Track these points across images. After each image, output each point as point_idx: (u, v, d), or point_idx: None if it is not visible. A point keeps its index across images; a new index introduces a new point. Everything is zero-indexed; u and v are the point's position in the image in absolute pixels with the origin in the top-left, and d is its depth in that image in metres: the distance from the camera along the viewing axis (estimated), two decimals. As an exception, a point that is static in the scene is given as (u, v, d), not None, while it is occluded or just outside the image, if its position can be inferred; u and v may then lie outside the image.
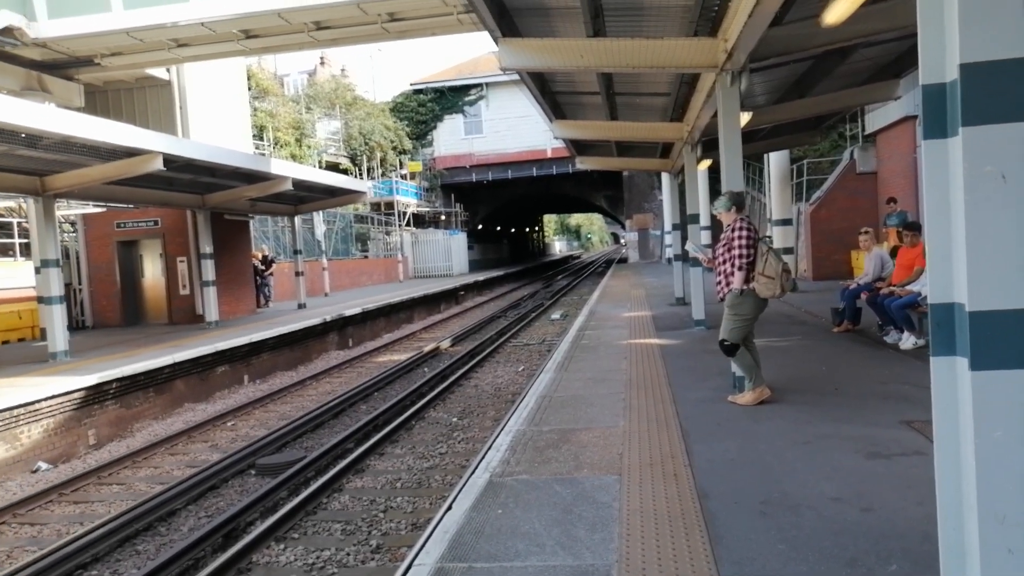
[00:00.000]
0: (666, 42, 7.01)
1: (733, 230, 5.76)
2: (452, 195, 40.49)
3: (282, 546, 5.48)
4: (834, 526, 3.40)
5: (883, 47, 8.83)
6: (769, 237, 16.07)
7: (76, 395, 8.83)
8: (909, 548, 3.12)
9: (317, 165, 29.54)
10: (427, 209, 37.77)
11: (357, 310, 17.26)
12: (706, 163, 14.19)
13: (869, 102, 13.77)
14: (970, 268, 1.95)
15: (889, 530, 3.32)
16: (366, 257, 31.52)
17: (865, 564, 3.01)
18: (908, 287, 7.96)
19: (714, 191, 9.32)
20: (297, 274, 19.52)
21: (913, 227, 8.58)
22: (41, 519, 6.61)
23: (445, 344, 15.56)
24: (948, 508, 2.08)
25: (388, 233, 33.90)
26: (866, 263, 9.40)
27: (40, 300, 12.10)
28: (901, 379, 6.44)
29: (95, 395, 9.14)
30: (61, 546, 5.52)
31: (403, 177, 35.83)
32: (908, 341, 7.86)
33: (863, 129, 17.32)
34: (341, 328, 16.51)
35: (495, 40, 7.22)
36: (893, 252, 9.54)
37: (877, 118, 16.00)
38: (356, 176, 31.94)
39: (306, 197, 17.91)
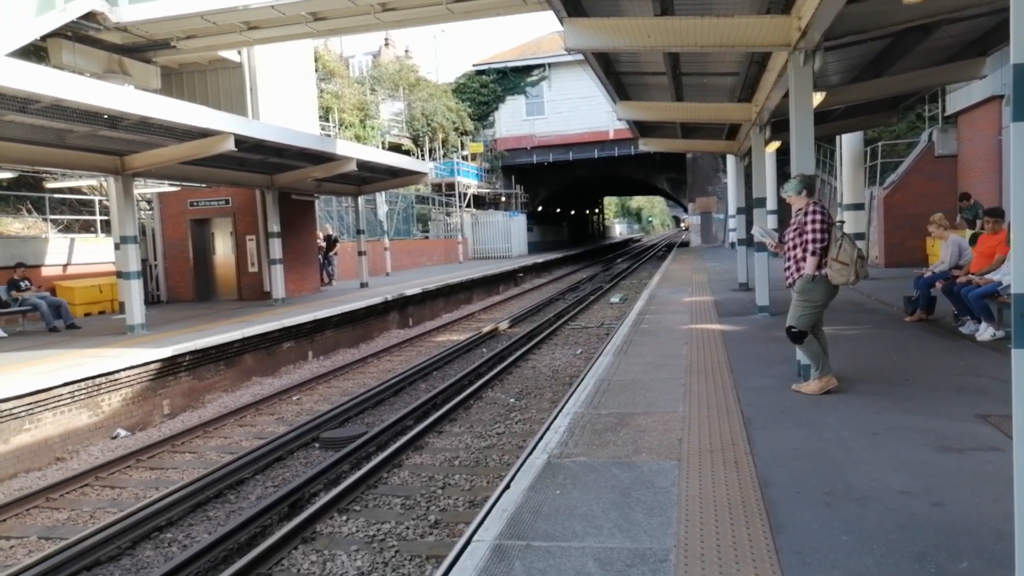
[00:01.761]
0: (736, 20, 6.81)
1: (806, 214, 5.59)
2: (512, 177, 40.52)
3: (344, 517, 5.64)
4: (902, 520, 3.31)
5: (969, 23, 8.38)
6: (842, 221, 15.56)
7: (152, 366, 9.25)
8: (982, 546, 3.01)
9: (380, 146, 29.97)
10: (487, 190, 37.92)
11: (417, 290, 17.51)
12: (775, 145, 13.79)
13: (952, 81, 13.12)
14: (1060, 257, 1.85)
15: (961, 526, 3.21)
16: (427, 237, 31.90)
17: (935, 560, 2.91)
18: (988, 276, 7.60)
19: (782, 174, 9.07)
20: (360, 253, 19.90)
21: (995, 213, 8.17)
22: (120, 483, 6.97)
23: (503, 325, 15.65)
24: (1027, 507, 2.00)
25: (448, 214, 34.18)
26: (942, 250, 9.00)
27: (119, 275, 12.68)
28: (977, 371, 6.18)
29: (170, 367, 9.55)
30: (139, 508, 5.82)
31: (464, 158, 36.03)
32: (986, 332, 7.52)
33: (943, 110, 16.54)
34: (402, 307, 16.79)
35: (560, 20, 7.15)
36: (972, 239, 9.12)
37: (959, 98, 15.25)
38: (418, 157, 32.28)
39: (369, 178, 18.19)
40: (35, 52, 14.09)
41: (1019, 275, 2.01)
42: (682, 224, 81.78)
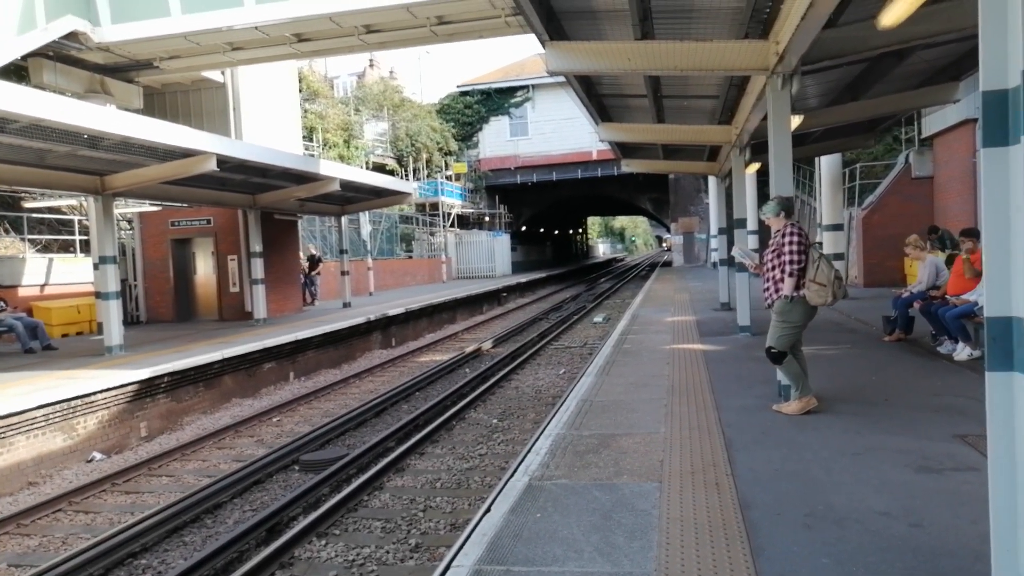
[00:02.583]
0: (715, 44, 6.92)
1: (784, 235, 5.65)
2: (496, 197, 40.65)
3: (323, 542, 5.56)
4: (881, 541, 3.31)
5: (942, 48, 8.56)
6: (819, 243, 15.73)
7: (130, 388, 9.12)
8: (961, 567, 3.02)
9: (364, 166, 29.98)
10: (471, 210, 37.99)
11: (401, 310, 17.44)
12: (755, 167, 13.96)
13: (926, 105, 13.37)
14: (1030, 281, 1.88)
15: (940, 548, 3.22)
16: (410, 257, 31.85)
17: (914, 583, 2.92)
18: (964, 296, 7.70)
19: (762, 195, 9.17)
20: (343, 273, 19.83)
21: (971, 233, 8.29)
22: (95, 507, 6.84)
23: (487, 345, 15.61)
24: (1002, 529, 2.01)
25: (432, 234, 34.19)
26: (920, 271, 9.12)
27: (98, 295, 12.52)
28: (955, 391, 6.24)
29: (147, 389, 9.42)
30: (113, 534, 5.70)
31: (448, 178, 36.11)
32: (963, 352, 7.60)
33: (919, 133, 16.83)
34: (385, 327, 16.71)
35: (542, 43, 7.22)
36: (949, 260, 9.24)
37: (934, 121, 15.53)
38: (402, 177, 32.33)
39: (353, 197, 18.18)
40: (16, 72, 14.00)
41: (992, 298, 2.04)
42: (664, 244, 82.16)
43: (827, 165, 16.10)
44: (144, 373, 9.28)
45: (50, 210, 17.75)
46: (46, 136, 8.76)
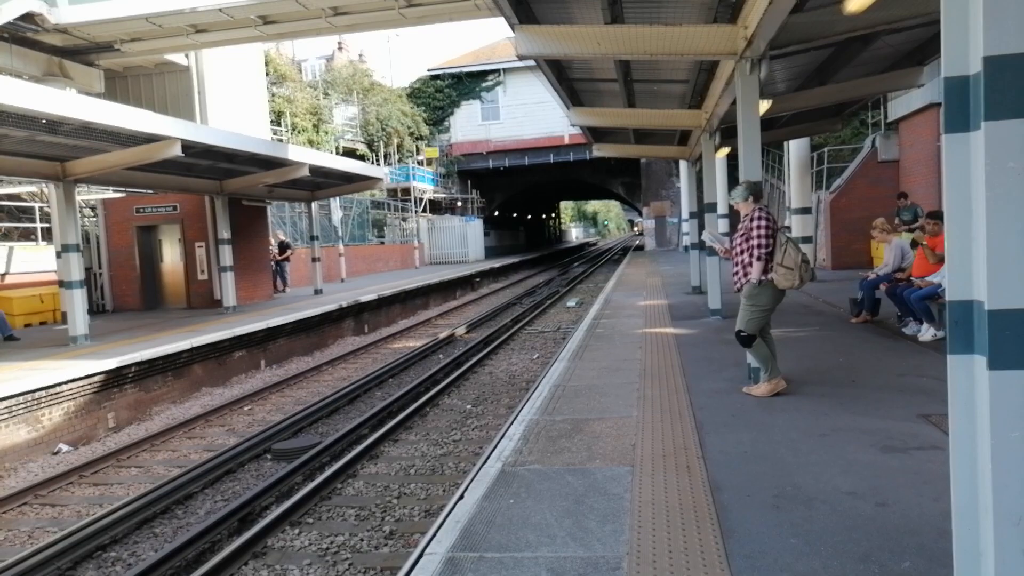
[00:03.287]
0: (684, 29, 6.92)
1: (752, 220, 5.70)
2: (468, 181, 40.45)
3: (297, 531, 5.54)
4: (848, 521, 3.38)
5: (906, 34, 8.67)
6: (788, 227, 15.93)
7: (96, 378, 8.95)
8: (924, 545, 3.09)
9: (334, 151, 29.62)
10: (443, 195, 37.78)
11: (373, 296, 17.33)
12: (724, 151, 14.06)
13: (892, 89, 13.55)
14: (990, 266, 1.91)
15: (904, 526, 3.29)
16: (382, 243, 31.61)
17: (879, 560, 2.98)
18: (928, 278, 7.85)
19: (732, 179, 9.23)
20: (314, 260, 19.62)
21: (937, 215, 8.44)
22: (62, 500, 6.72)
23: (460, 331, 15.59)
24: (963, 508, 2.05)
25: (404, 219, 33.96)
26: (886, 253, 9.28)
27: (61, 284, 12.24)
28: (919, 371, 6.37)
29: (114, 379, 9.26)
30: (81, 527, 5.61)
31: (420, 163, 35.84)
32: (927, 333, 7.77)
33: (885, 117, 17.06)
34: (357, 314, 16.60)
35: (512, 27, 7.17)
36: (915, 243, 9.41)
37: (900, 105, 15.75)
38: (373, 162, 32.00)
39: (323, 183, 17.96)
40: (-31, 54, 13.54)
41: (953, 282, 2.07)
42: (635, 228, 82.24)
43: (795, 149, 16.26)
44: (111, 363, 9.12)
45: (10, 197, 17.29)
46: (1, 121, 8.49)
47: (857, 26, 6.92)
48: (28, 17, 12.95)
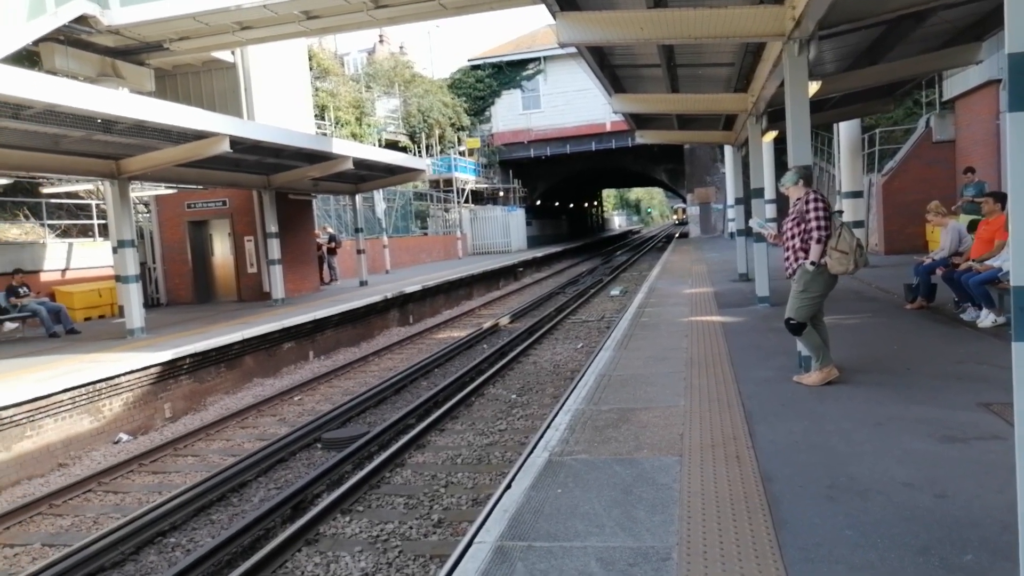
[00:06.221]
0: (730, 11, 6.77)
1: (807, 203, 5.57)
2: (510, 171, 40.44)
3: (347, 518, 5.64)
4: (905, 512, 3.29)
5: (964, 8, 8.33)
6: (841, 211, 15.54)
7: (153, 370, 9.24)
8: (987, 537, 2.99)
9: (377, 143, 29.90)
10: (485, 186, 37.83)
11: (417, 287, 17.49)
12: (771, 135, 13.74)
13: (948, 67, 13.06)
14: (1060, 249, 1.83)
15: (965, 518, 3.19)
16: (425, 234, 31.84)
17: (939, 553, 2.90)
18: (988, 262, 7.58)
19: (780, 163, 9.05)
20: (358, 252, 19.88)
21: (998, 197, 8.13)
22: (123, 488, 6.97)
23: (504, 321, 15.64)
24: (1031, 500, 1.98)
25: (447, 210, 34.13)
26: (942, 237, 8.98)
27: (118, 279, 12.66)
28: (978, 359, 6.16)
29: (170, 370, 9.54)
30: (142, 513, 5.81)
31: (461, 154, 35.95)
32: (987, 319, 7.50)
33: (940, 95, 16.47)
34: (402, 305, 16.77)
35: (553, 15, 7.11)
36: (971, 226, 9.08)
37: (956, 83, 15.19)
38: (415, 154, 32.21)
39: (366, 176, 18.15)
40: (28, 57, 14.03)
41: (1019, 267, 1.99)
42: (674, 217, 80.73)
43: (846, 131, 15.82)
44: (167, 355, 9.40)
45: (68, 195, 17.90)
46: (60, 121, 8.80)
47: (911, 2, 6.68)
48: (82, 20, 13.36)
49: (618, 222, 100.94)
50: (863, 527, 3.17)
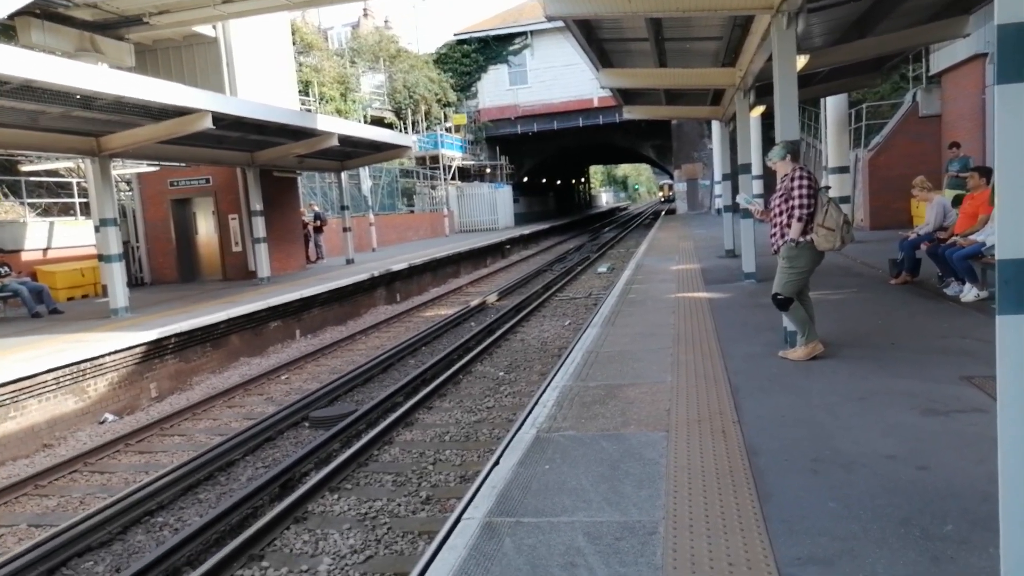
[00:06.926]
0: (718, -17, 6.71)
1: (792, 179, 5.56)
2: (497, 148, 40.19)
3: (336, 496, 5.65)
4: (888, 484, 3.33)
5: (952, -19, 8.30)
6: (828, 187, 15.57)
7: (138, 350, 9.17)
8: (967, 508, 3.04)
9: (362, 120, 29.60)
10: (472, 162, 37.60)
11: (404, 265, 17.42)
12: (759, 110, 13.69)
13: (935, 40, 13.04)
14: (1045, 222, 1.83)
15: (946, 489, 3.23)
16: (412, 212, 31.66)
17: (920, 524, 2.94)
18: (972, 236, 7.62)
19: (767, 139, 9.02)
20: (345, 229, 19.75)
21: (980, 171, 8.16)
22: (110, 468, 6.94)
23: (491, 298, 15.63)
24: (1011, 472, 2.00)
25: (433, 187, 33.92)
26: (927, 212, 9.02)
27: (100, 258, 12.51)
28: (961, 333, 6.22)
29: (156, 350, 9.48)
30: (129, 493, 5.79)
31: (448, 130, 35.66)
32: (970, 293, 7.56)
33: (927, 70, 16.48)
34: (389, 283, 16.71)
35: (539, -13, 7.01)
36: (956, 200, 9.13)
37: (943, 57, 15.18)
38: (401, 130, 31.91)
39: (352, 152, 17.98)
40: (3, 32, 13.72)
41: (1003, 241, 1.99)
42: (659, 195, 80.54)
43: (833, 106, 15.81)
44: (152, 334, 9.33)
45: (48, 173, 17.62)
46: (38, 97, 8.62)
47: (899, -25, 6.64)
48: (58, -7, 13.04)
49: (605, 199, 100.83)
50: (847, 499, 3.21)
